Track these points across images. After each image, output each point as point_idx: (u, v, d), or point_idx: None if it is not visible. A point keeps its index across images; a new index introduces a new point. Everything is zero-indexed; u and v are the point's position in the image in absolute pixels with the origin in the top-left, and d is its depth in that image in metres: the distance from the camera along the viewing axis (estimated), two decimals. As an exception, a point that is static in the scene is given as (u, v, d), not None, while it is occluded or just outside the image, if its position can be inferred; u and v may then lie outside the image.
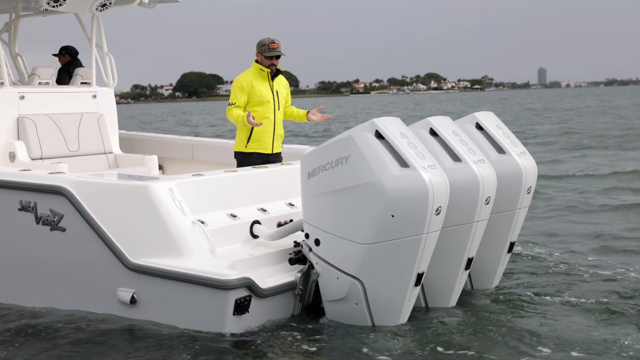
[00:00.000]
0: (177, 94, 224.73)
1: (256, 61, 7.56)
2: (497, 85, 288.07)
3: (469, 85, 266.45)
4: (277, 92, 7.59)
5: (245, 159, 7.56)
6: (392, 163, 5.42)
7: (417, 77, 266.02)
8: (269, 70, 7.48)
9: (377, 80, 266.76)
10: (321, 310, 5.91)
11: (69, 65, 9.34)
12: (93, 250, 6.04)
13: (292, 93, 8.09)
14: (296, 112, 7.89)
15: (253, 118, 7.25)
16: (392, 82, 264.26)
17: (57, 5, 7.68)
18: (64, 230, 6.20)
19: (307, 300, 5.90)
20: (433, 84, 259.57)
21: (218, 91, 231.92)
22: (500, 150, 6.41)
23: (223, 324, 5.56)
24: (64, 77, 9.26)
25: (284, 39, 7.66)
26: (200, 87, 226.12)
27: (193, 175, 6.40)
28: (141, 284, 5.82)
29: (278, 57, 7.49)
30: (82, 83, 8.71)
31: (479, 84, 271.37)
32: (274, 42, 7.44)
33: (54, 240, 6.28)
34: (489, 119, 6.57)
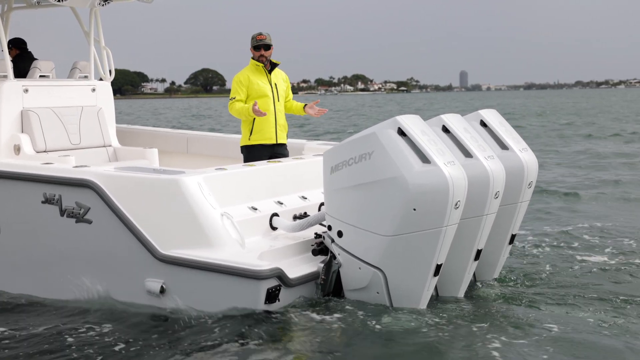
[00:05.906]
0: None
1: (252, 58, 7.88)
2: (421, 87, 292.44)
3: (395, 87, 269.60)
4: (275, 85, 7.88)
5: (250, 151, 7.81)
6: (414, 159, 5.66)
7: (345, 77, 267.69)
8: (262, 64, 7.77)
9: (304, 81, 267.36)
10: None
11: (18, 58, 8.94)
12: (120, 241, 6.11)
13: (218, 92, 8.36)
14: (295, 105, 8.19)
15: (258, 107, 7.49)
16: (320, 82, 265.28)
17: None
18: (90, 222, 6.26)
19: (328, 289, 6.12)
20: (360, 85, 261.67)
21: (143, 89, 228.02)
22: (503, 146, 6.69)
23: (253, 313, 5.70)
24: (16, 71, 8.60)
25: (212, 39, 8.01)
26: (124, 84, 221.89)
27: (216, 169, 6.56)
28: (171, 274, 5.93)
29: (266, 48, 7.78)
30: (80, 77, 8.71)
31: (405, 85, 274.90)
32: (260, 34, 7.81)
33: (79, 232, 6.33)
34: (493, 117, 6.88)
